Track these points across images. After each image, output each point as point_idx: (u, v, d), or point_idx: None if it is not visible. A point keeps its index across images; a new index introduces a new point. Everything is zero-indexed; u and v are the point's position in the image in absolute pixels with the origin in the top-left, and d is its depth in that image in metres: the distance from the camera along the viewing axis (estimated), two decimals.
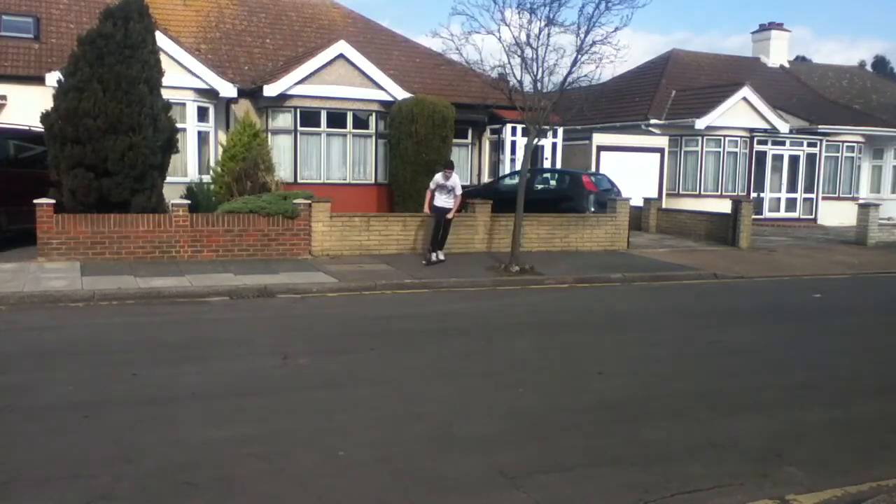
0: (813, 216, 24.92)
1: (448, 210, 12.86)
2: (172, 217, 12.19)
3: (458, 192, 12.83)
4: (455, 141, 18.34)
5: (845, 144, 25.29)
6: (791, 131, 24.22)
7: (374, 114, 18.27)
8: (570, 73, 12.45)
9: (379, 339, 7.80)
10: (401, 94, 17.82)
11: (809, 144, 24.66)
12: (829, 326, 9.46)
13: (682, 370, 7.06)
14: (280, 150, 17.31)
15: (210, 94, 16.46)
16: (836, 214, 24.40)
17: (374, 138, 18.39)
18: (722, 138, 23.14)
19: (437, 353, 7.41)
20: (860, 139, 25.57)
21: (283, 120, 17.67)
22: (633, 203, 16.98)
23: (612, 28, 12.31)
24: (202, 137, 16.73)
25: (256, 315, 9.08)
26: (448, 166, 12.93)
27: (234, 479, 4.31)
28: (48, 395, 5.72)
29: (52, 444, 4.73)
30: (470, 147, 20.29)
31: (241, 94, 17.09)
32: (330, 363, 6.96)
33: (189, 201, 12.70)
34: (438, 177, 12.74)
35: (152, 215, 12.09)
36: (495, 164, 20.28)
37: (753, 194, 23.51)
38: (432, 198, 12.85)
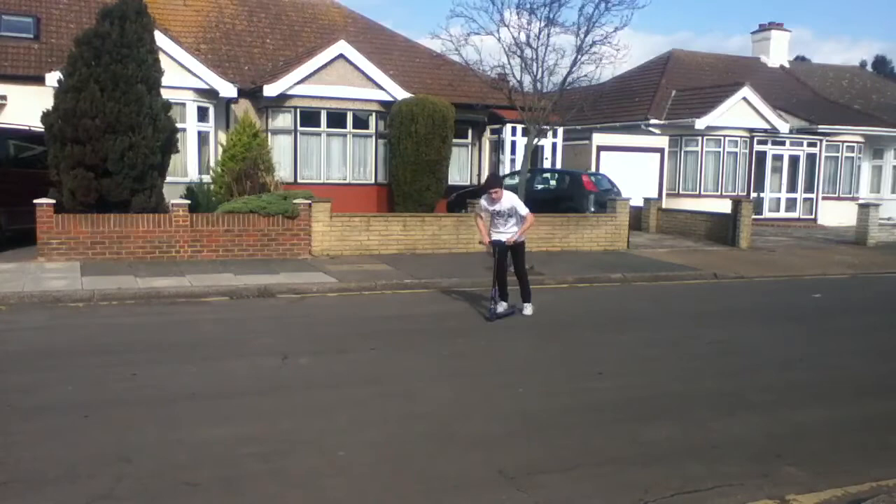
0: (813, 216, 24.92)
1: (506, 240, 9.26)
2: (172, 217, 12.19)
3: (525, 212, 9.23)
4: (455, 141, 18.34)
5: (845, 144, 25.28)
6: (791, 131, 24.22)
7: (374, 114, 18.28)
8: (569, 73, 12.50)
9: (379, 339, 7.79)
10: (401, 93, 17.82)
11: (809, 144, 24.65)
12: (828, 326, 9.45)
13: (682, 370, 7.05)
14: (280, 150, 17.31)
15: (210, 94, 16.46)
16: (836, 214, 24.39)
17: (374, 138, 18.39)
18: (722, 138, 23.14)
19: (437, 353, 7.41)
20: (860, 139, 25.56)
21: (283, 120, 17.68)
22: (633, 203, 16.98)
23: (611, 28, 12.37)
24: (202, 137, 16.74)
25: (256, 315, 9.07)
26: (495, 183, 9.28)
27: (234, 479, 4.31)
28: (48, 395, 5.72)
29: (52, 444, 4.73)
30: (470, 147, 20.29)
31: (241, 94, 17.10)
32: (330, 363, 6.96)
33: (189, 201, 12.69)
34: (484, 199, 9.38)
35: (152, 215, 12.09)
36: (495, 164, 20.27)
37: (753, 194, 23.50)
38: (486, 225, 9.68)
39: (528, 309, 9.43)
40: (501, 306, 9.28)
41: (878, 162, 27.18)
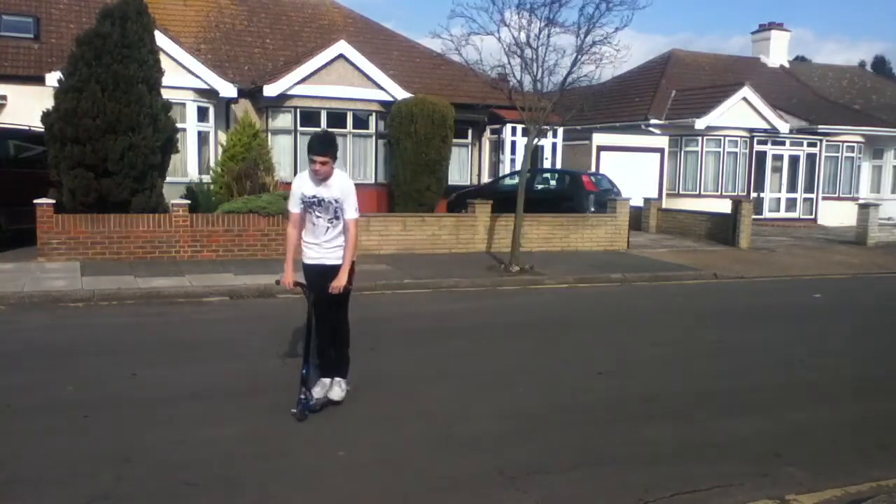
0: (813, 216, 24.92)
1: (332, 269, 5.41)
2: (172, 217, 12.19)
3: (351, 214, 5.51)
4: (455, 141, 18.34)
5: (845, 144, 25.27)
6: (791, 131, 24.22)
7: (374, 114, 18.27)
8: (570, 73, 12.44)
9: (378, 339, 7.77)
10: (401, 94, 17.82)
11: (809, 144, 24.65)
12: (829, 326, 9.45)
13: (681, 370, 7.05)
14: (280, 150, 17.30)
15: (210, 94, 16.46)
16: (836, 214, 24.39)
17: (374, 138, 18.39)
18: (722, 138, 23.13)
19: (436, 353, 7.41)
20: (860, 139, 25.55)
21: (283, 120, 17.67)
22: (633, 203, 16.98)
23: (612, 28, 12.31)
24: (202, 137, 16.73)
25: (256, 315, 9.08)
26: (320, 148, 5.28)
27: (234, 479, 4.31)
28: (48, 395, 5.71)
29: (52, 444, 4.73)
30: (470, 147, 20.29)
31: (241, 94, 17.09)
32: None
33: (189, 201, 12.69)
34: (305, 176, 5.52)
35: (152, 215, 12.09)
36: (495, 164, 20.27)
37: (753, 194, 23.49)
38: (300, 234, 5.63)
39: (337, 391, 5.57)
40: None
41: (878, 162, 27.17)
